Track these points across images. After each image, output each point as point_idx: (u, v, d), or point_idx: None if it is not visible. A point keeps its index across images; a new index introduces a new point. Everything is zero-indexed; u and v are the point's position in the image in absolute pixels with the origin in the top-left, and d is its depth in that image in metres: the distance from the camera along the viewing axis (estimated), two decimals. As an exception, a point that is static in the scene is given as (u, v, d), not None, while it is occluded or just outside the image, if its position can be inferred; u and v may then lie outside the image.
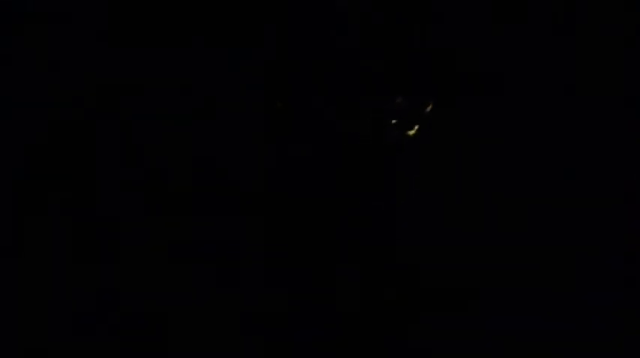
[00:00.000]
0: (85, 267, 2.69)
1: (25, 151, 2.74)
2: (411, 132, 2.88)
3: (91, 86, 2.78)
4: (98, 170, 2.76)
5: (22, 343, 2.61)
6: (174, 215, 2.76)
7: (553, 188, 2.80)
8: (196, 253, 2.74)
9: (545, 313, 2.70)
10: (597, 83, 2.83)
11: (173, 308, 2.69)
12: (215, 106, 2.83)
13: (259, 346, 2.68)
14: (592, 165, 2.80)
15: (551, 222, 2.78)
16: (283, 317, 2.72)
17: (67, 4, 2.78)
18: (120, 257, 2.72)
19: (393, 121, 2.88)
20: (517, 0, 2.85)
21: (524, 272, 2.74)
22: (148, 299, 2.69)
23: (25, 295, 2.65)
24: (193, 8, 2.85)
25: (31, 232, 2.69)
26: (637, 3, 2.83)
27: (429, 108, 2.89)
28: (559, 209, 2.78)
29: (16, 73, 2.76)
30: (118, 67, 2.80)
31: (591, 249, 2.74)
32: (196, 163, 2.81)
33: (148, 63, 2.81)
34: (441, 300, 2.75)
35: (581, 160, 2.81)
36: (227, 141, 2.83)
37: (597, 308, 2.69)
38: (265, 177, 2.82)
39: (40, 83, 2.77)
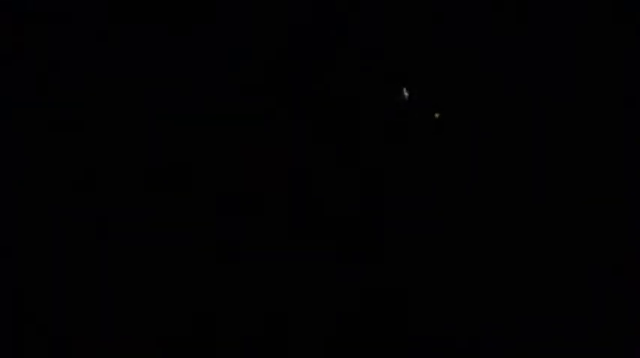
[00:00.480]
0: (85, 267, 2.70)
1: (26, 151, 2.74)
2: (411, 131, 2.88)
3: (91, 86, 2.79)
4: (98, 170, 2.77)
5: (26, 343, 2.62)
6: (175, 214, 2.76)
7: (552, 188, 2.80)
8: (196, 250, 2.75)
9: (545, 313, 2.70)
10: (597, 83, 2.83)
11: (172, 308, 2.70)
12: (214, 106, 2.84)
13: (260, 345, 2.69)
14: (592, 165, 2.81)
15: (550, 222, 2.78)
16: (283, 317, 2.72)
17: (67, 4, 2.79)
18: (119, 257, 2.72)
19: (393, 120, 2.89)
20: (517, 0, 2.86)
21: (524, 273, 2.75)
22: (147, 299, 2.70)
23: (25, 295, 2.66)
24: (193, 8, 2.85)
25: (31, 232, 2.70)
26: (637, 3, 2.83)
27: (428, 108, 2.89)
28: (559, 209, 2.78)
29: (16, 73, 2.76)
30: (118, 67, 2.81)
31: (591, 249, 2.74)
32: (196, 162, 2.81)
33: (148, 63, 2.82)
34: (441, 300, 2.75)
35: (581, 160, 2.81)
36: (225, 141, 2.83)
37: (597, 308, 2.69)
38: (264, 176, 2.82)
39: (40, 83, 2.77)
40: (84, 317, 2.66)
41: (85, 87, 2.79)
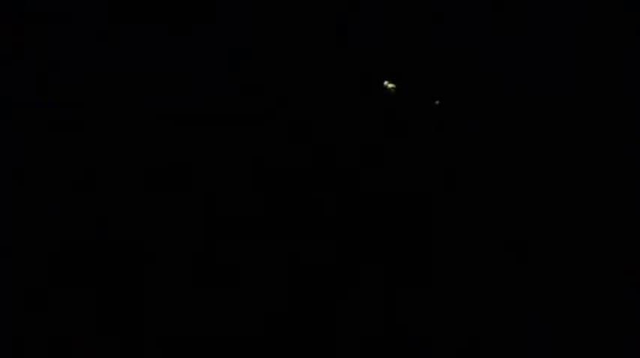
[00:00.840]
0: (85, 267, 2.70)
1: (26, 151, 2.74)
2: (411, 130, 2.88)
3: (91, 86, 2.79)
4: (98, 170, 2.77)
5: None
6: (175, 214, 2.76)
7: (552, 188, 2.80)
8: (196, 250, 2.75)
9: (545, 313, 2.70)
10: (597, 83, 2.83)
11: (169, 308, 2.70)
12: (214, 106, 2.84)
13: (260, 345, 2.69)
14: (592, 164, 2.80)
15: (550, 222, 2.78)
16: (284, 317, 2.72)
17: (67, 4, 2.79)
18: (119, 256, 2.72)
19: (392, 119, 2.89)
20: (517, 0, 2.86)
21: (524, 272, 2.75)
22: (147, 299, 2.70)
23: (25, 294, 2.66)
24: (193, 8, 2.85)
25: (31, 232, 2.70)
26: (637, 3, 2.83)
27: (428, 108, 2.89)
28: (558, 209, 2.78)
29: (16, 73, 2.76)
30: (118, 67, 2.81)
31: (591, 249, 2.74)
32: (196, 162, 2.81)
33: (148, 63, 2.82)
34: (441, 300, 2.75)
35: (581, 160, 2.81)
36: (225, 141, 2.83)
37: (597, 308, 2.69)
38: (264, 178, 2.83)
39: (40, 83, 2.77)
40: (84, 317, 2.66)
41: (85, 87, 2.79)
